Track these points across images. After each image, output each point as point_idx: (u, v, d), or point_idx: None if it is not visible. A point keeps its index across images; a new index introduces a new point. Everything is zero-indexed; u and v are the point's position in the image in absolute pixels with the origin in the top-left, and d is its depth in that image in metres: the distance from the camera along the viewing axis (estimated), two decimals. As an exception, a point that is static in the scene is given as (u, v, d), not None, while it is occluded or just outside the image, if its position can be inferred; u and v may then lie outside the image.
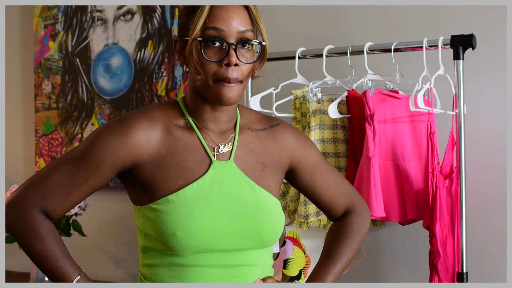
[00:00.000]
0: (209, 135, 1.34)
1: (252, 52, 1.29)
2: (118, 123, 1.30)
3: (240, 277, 1.32)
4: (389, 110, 1.95)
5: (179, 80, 2.71)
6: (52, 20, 3.07)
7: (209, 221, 1.27)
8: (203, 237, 1.26)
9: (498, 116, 2.13)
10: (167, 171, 1.29)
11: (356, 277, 2.32)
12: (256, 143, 1.38)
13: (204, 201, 1.28)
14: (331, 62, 2.12)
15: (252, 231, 1.30)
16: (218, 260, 1.30)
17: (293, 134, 1.43)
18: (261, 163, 1.36)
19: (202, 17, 1.24)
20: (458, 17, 2.19)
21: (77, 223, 2.55)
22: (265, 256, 1.38)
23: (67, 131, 3.01)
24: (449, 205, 1.91)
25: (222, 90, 1.25)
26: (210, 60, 1.24)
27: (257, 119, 1.42)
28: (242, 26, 1.26)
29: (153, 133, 1.30)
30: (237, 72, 1.25)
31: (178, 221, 1.26)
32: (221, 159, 1.33)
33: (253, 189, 1.33)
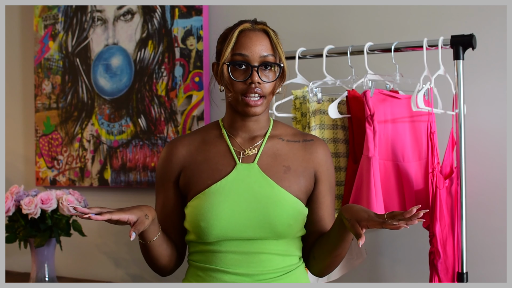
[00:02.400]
0: (238, 142, 1.60)
1: (273, 72, 1.55)
2: (165, 148, 1.64)
3: (258, 263, 1.52)
4: (389, 110, 1.95)
5: (179, 80, 2.71)
6: (52, 20, 3.07)
7: (228, 214, 1.50)
8: (222, 227, 1.50)
9: (498, 116, 2.13)
10: (200, 174, 1.57)
11: (356, 277, 2.32)
12: (284, 150, 1.60)
13: (225, 197, 1.52)
14: (331, 62, 2.12)
15: (265, 222, 1.50)
16: (238, 247, 1.52)
17: (324, 151, 1.63)
18: (285, 167, 1.57)
19: (230, 45, 1.52)
20: (458, 17, 2.19)
21: (77, 223, 2.55)
22: (286, 247, 1.55)
23: (67, 131, 3.01)
24: (449, 205, 1.91)
25: (248, 103, 1.52)
26: (237, 80, 1.52)
27: (292, 133, 1.65)
28: (263, 52, 1.53)
29: (192, 146, 1.62)
30: (260, 89, 1.52)
31: (202, 213, 1.51)
32: (246, 162, 1.57)
33: (271, 187, 1.53)
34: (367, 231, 2.31)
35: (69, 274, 2.95)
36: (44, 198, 2.40)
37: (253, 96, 1.51)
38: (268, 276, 1.52)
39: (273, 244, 1.53)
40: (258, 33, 1.54)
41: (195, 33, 2.67)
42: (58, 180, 3.03)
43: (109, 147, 2.88)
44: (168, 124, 2.73)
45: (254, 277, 1.52)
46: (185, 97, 2.69)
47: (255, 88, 1.51)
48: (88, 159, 2.94)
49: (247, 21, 1.57)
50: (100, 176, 2.90)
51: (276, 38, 1.56)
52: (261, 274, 1.52)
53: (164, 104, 2.74)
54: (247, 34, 1.53)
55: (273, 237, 1.52)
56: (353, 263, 2.16)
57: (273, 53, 1.54)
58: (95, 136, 2.93)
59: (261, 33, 1.55)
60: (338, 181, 2.01)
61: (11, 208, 2.42)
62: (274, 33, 1.56)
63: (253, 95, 1.51)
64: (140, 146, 2.79)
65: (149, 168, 2.77)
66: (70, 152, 3.00)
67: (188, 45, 2.69)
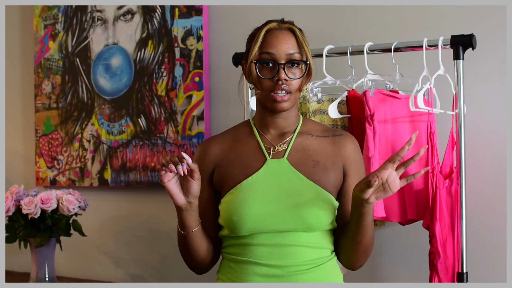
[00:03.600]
0: (267, 138, 1.65)
1: (299, 70, 1.59)
2: (199, 148, 1.70)
3: (289, 255, 1.55)
4: (389, 110, 1.95)
5: (179, 80, 2.71)
6: (52, 20, 3.07)
7: (259, 207, 1.54)
8: (253, 220, 1.54)
9: (498, 116, 2.13)
10: (233, 170, 1.62)
11: (356, 277, 2.32)
12: (314, 145, 1.63)
13: (256, 191, 1.57)
14: (331, 62, 2.12)
15: (295, 215, 1.54)
16: (269, 240, 1.55)
17: (353, 145, 1.65)
18: (314, 161, 1.60)
19: (257, 44, 1.57)
20: (458, 17, 2.19)
21: (77, 223, 2.55)
22: (317, 239, 1.58)
23: (67, 131, 3.01)
24: (449, 205, 1.91)
25: (276, 99, 1.56)
26: (264, 78, 1.57)
27: (322, 129, 1.68)
28: (289, 50, 1.57)
29: (224, 144, 1.67)
30: (286, 86, 1.56)
31: (234, 208, 1.56)
32: (276, 157, 1.62)
33: (301, 181, 1.57)
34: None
35: (69, 274, 2.95)
36: (44, 198, 2.40)
37: (280, 92, 1.56)
38: (299, 268, 1.55)
39: (303, 237, 1.56)
40: (284, 31, 1.59)
41: (195, 33, 2.67)
42: (58, 180, 3.03)
43: (109, 147, 2.88)
44: (168, 124, 2.73)
45: (285, 269, 1.54)
46: (185, 97, 2.69)
47: (282, 85, 1.55)
48: (88, 159, 2.94)
49: (274, 21, 1.61)
50: (100, 176, 2.90)
51: (302, 36, 1.60)
52: (292, 266, 1.55)
53: (164, 104, 2.74)
54: (273, 33, 1.58)
55: (303, 229, 1.55)
56: (353, 263, 2.16)
57: (299, 51, 1.58)
58: (95, 136, 2.93)
59: (287, 32, 1.59)
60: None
61: (11, 208, 2.42)
62: (300, 32, 1.61)
63: (280, 92, 1.55)
64: (140, 146, 2.79)
65: (149, 168, 2.77)
66: (70, 152, 3.00)
67: (188, 45, 2.69)
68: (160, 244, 2.80)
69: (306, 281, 1.54)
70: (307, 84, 1.65)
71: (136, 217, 2.86)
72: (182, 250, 1.65)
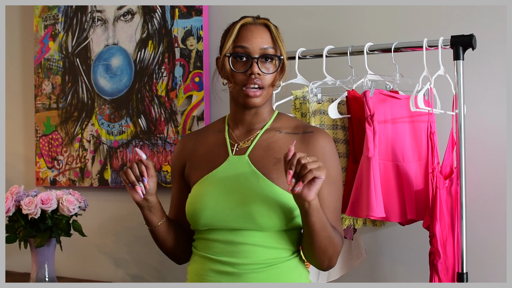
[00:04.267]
0: (234, 135, 1.65)
1: (273, 65, 1.59)
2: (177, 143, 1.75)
3: (241, 253, 1.53)
4: (389, 111, 1.95)
5: (179, 80, 2.71)
6: (52, 20, 3.07)
7: (213, 203, 1.55)
8: (207, 216, 1.55)
9: (498, 116, 2.13)
10: (199, 165, 1.64)
11: (356, 277, 2.32)
12: (280, 143, 1.61)
13: (213, 187, 1.57)
14: (331, 62, 2.12)
15: (246, 213, 1.52)
16: (223, 236, 1.55)
17: (323, 143, 1.60)
18: (276, 159, 1.58)
19: (231, 37, 1.57)
20: (458, 17, 2.19)
21: (77, 223, 2.55)
22: (271, 239, 1.54)
23: (67, 131, 3.01)
24: (449, 205, 1.91)
25: (248, 94, 1.56)
26: (238, 72, 1.56)
27: (294, 125, 1.66)
28: (264, 44, 1.57)
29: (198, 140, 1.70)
30: (259, 80, 1.55)
31: (193, 203, 1.59)
32: (239, 154, 1.61)
33: (257, 179, 1.55)
34: (367, 230, 2.31)
35: (69, 274, 2.95)
36: (44, 198, 2.40)
37: (253, 87, 1.55)
38: (252, 267, 1.53)
39: (257, 236, 1.53)
40: (259, 26, 1.59)
41: (195, 33, 2.67)
42: (58, 180, 3.03)
43: (109, 147, 2.88)
44: (168, 124, 2.73)
45: (237, 267, 1.53)
46: (185, 97, 2.69)
47: (254, 79, 1.54)
48: (88, 159, 2.94)
49: (249, 16, 1.63)
50: (100, 176, 2.90)
51: (276, 31, 1.60)
52: (244, 265, 1.53)
53: (164, 104, 2.74)
54: (248, 28, 1.58)
55: (255, 228, 1.53)
56: (353, 263, 2.16)
57: (273, 46, 1.58)
58: (95, 136, 2.93)
59: (262, 27, 1.59)
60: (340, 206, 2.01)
61: (11, 208, 2.42)
62: (275, 27, 1.61)
63: (252, 86, 1.55)
64: (140, 146, 2.79)
65: (149, 168, 2.77)
66: (70, 152, 3.00)
67: (188, 45, 2.69)
68: (160, 244, 2.80)
69: (258, 281, 1.52)
70: (280, 81, 1.64)
71: (136, 217, 2.86)
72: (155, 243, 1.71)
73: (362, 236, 2.27)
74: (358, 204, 1.86)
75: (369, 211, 1.82)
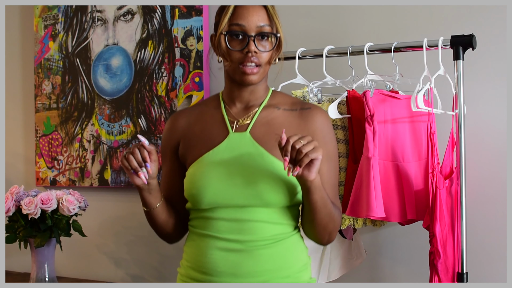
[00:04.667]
0: (232, 112, 1.62)
1: (270, 42, 1.57)
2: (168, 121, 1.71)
3: (249, 230, 1.53)
4: (389, 111, 1.95)
5: (179, 80, 2.71)
6: (52, 20, 3.07)
7: (217, 182, 1.53)
8: (212, 194, 1.53)
9: (498, 116, 2.13)
10: (196, 143, 1.62)
11: (356, 277, 2.32)
12: (280, 119, 1.60)
13: (215, 165, 1.56)
14: (331, 62, 2.12)
15: (253, 190, 1.52)
16: (229, 214, 1.54)
17: (321, 119, 1.61)
18: (278, 135, 1.52)
19: (227, 15, 1.54)
20: (458, 17, 2.19)
21: (77, 223, 2.55)
22: (277, 215, 1.55)
23: (67, 131, 3.01)
24: (449, 205, 1.91)
25: (245, 72, 1.54)
26: (234, 50, 1.54)
27: (291, 102, 1.65)
28: (260, 22, 1.55)
29: (191, 117, 1.67)
30: (256, 58, 1.53)
31: (194, 181, 1.56)
32: (239, 131, 1.60)
33: (261, 155, 1.54)
34: (367, 230, 2.31)
35: (69, 274, 2.95)
36: (44, 198, 2.40)
37: (250, 64, 1.53)
38: (259, 243, 1.53)
39: (263, 213, 1.54)
40: (255, 5, 1.57)
41: (195, 33, 2.67)
42: (58, 180, 3.03)
43: (109, 147, 2.88)
44: (168, 124, 2.73)
45: (244, 243, 1.53)
46: (185, 97, 2.69)
47: (251, 57, 1.53)
48: (88, 159, 2.94)
49: None
50: (100, 176, 2.90)
51: (273, 9, 1.59)
52: (252, 241, 1.53)
53: (164, 104, 2.74)
54: (244, 6, 1.56)
55: (262, 205, 1.53)
56: (353, 263, 2.16)
57: (269, 23, 1.56)
58: (95, 136, 2.93)
59: (258, 6, 1.57)
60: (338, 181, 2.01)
61: (11, 208, 2.42)
62: (271, 6, 1.59)
63: (249, 64, 1.53)
64: (140, 146, 2.79)
65: (149, 168, 2.77)
66: (70, 152, 3.00)
67: (188, 45, 2.69)
68: (160, 244, 2.80)
69: (266, 256, 1.52)
70: (276, 58, 1.62)
71: (136, 217, 2.86)
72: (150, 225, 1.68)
73: (362, 236, 2.27)
74: (358, 204, 1.86)
75: (369, 211, 1.82)
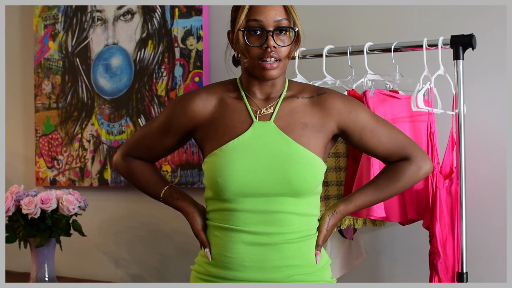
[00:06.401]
0: (255, 102, 1.62)
1: (288, 37, 1.56)
2: (183, 96, 1.67)
3: (276, 222, 1.53)
4: (389, 110, 1.95)
5: (179, 80, 2.71)
6: (52, 20, 3.07)
7: (244, 170, 1.52)
8: (238, 183, 1.52)
9: (498, 116, 2.13)
10: (216, 130, 1.60)
11: (356, 277, 2.32)
12: (301, 108, 1.61)
13: (241, 153, 1.54)
14: (331, 62, 2.12)
15: (282, 178, 1.51)
16: (255, 205, 1.53)
17: (340, 100, 1.62)
18: (303, 123, 1.58)
19: (244, 11, 1.53)
20: (458, 17, 2.19)
21: (77, 223, 2.55)
22: (304, 206, 1.56)
23: (67, 131, 3.01)
24: (449, 205, 1.91)
25: (265, 67, 1.53)
26: (253, 46, 1.53)
27: (308, 89, 1.65)
28: (277, 16, 1.53)
29: (209, 102, 1.64)
30: (275, 53, 1.53)
31: (219, 170, 1.54)
32: (263, 120, 1.59)
33: (288, 144, 1.55)
34: (367, 230, 2.31)
35: (69, 274, 2.95)
36: (44, 198, 2.40)
37: (269, 60, 1.53)
38: (286, 236, 1.53)
39: (290, 203, 1.53)
40: None
41: (195, 33, 2.67)
42: (58, 180, 3.03)
43: (109, 147, 2.88)
44: (168, 124, 2.72)
45: (272, 236, 1.52)
46: (185, 97, 2.69)
47: (271, 52, 1.52)
48: (88, 159, 2.94)
49: None
50: (100, 176, 2.90)
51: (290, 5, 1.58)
52: (279, 234, 1.53)
53: (164, 104, 2.74)
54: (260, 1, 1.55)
55: (290, 194, 1.53)
56: (353, 263, 2.16)
57: (287, 17, 1.55)
58: (95, 136, 2.93)
59: None
60: (338, 181, 2.01)
61: (11, 208, 2.42)
62: None
63: (269, 59, 1.53)
64: (140, 146, 2.79)
65: (149, 168, 2.77)
66: (70, 152, 3.00)
67: (188, 45, 2.69)
68: (160, 244, 2.80)
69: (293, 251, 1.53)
70: (296, 51, 1.62)
71: (136, 217, 2.86)
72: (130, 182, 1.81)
73: (362, 236, 2.27)
74: (358, 204, 1.85)
75: (369, 211, 1.82)
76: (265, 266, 1.52)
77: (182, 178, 2.69)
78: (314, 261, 1.57)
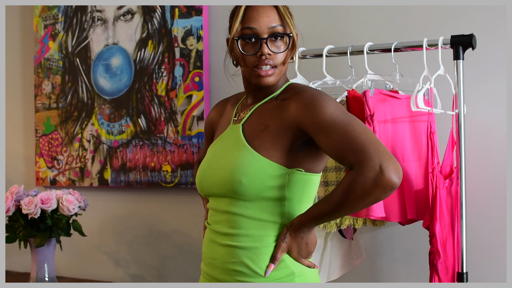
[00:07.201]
0: (240, 106, 1.65)
1: (283, 42, 1.55)
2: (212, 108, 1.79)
3: (228, 222, 1.53)
4: (389, 110, 1.95)
5: (179, 80, 2.71)
6: (52, 20, 3.07)
7: (201, 171, 1.60)
8: (198, 183, 1.61)
9: (498, 116, 2.13)
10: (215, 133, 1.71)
11: (356, 277, 2.32)
12: (270, 110, 1.57)
13: (208, 155, 1.63)
14: (331, 62, 2.12)
15: (222, 179, 1.52)
16: (214, 204, 1.58)
17: (300, 101, 1.50)
18: (264, 125, 1.55)
19: (238, 19, 1.53)
20: (458, 17, 2.19)
21: (77, 223, 2.55)
22: (255, 210, 1.50)
23: (67, 131, 3.01)
24: (449, 205, 1.91)
25: (260, 74, 1.53)
26: (248, 54, 1.53)
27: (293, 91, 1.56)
28: (271, 23, 1.53)
29: (220, 109, 1.74)
30: (271, 60, 1.53)
31: None
32: (238, 123, 1.60)
33: (237, 146, 1.54)
34: (367, 230, 2.31)
35: (69, 274, 2.95)
36: (44, 198, 2.40)
37: (265, 67, 1.53)
38: (238, 239, 1.50)
39: (240, 206, 1.50)
40: (265, 6, 1.54)
41: (195, 33, 2.67)
42: (58, 180, 3.03)
43: (109, 147, 2.88)
44: (168, 124, 2.73)
45: (225, 237, 1.52)
46: (185, 97, 2.69)
47: (265, 59, 1.52)
48: (88, 159, 2.94)
49: None
50: (100, 176, 2.90)
51: (284, 8, 1.56)
52: (231, 236, 1.51)
53: (164, 104, 2.74)
54: (254, 8, 1.54)
55: (235, 195, 1.49)
56: (353, 262, 2.16)
57: (281, 23, 1.54)
58: (95, 136, 2.93)
59: (268, 6, 1.54)
60: (338, 181, 2.01)
61: (11, 208, 2.42)
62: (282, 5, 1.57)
63: (264, 67, 1.52)
64: (140, 146, 2.79)
65: (149, 168, 2.77)
66: (70, 152, 3.00)
67: (188, 45, 2.69)
68: (160, 244, 2.80)
69: (240, 257, 1.49)
70: (292, 57, 1.60)
71: (136, 217, 2.86)
72: None
73: (362, 236, 2.27)
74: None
75: (369, 211, 1.82)
76: (216, 266, 1.53)
77: (182, 178, 2.69)
78: (263, 272, 1.48)
